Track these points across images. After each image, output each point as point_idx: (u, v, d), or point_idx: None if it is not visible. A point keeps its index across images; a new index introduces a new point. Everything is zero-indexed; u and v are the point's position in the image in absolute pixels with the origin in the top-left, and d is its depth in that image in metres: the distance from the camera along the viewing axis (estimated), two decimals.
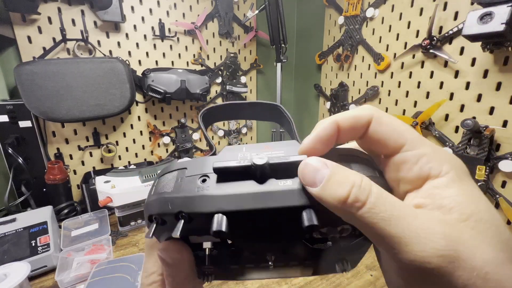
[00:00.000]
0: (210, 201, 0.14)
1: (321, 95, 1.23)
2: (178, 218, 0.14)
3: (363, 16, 0.94)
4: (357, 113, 0.15)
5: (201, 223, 0.14)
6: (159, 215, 0.15)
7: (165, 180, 0.16)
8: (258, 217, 0.14)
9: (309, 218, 0.13)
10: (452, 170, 0.13)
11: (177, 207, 0.14)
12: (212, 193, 0.14)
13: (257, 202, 0.14)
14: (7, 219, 0.69)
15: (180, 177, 0.15)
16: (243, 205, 0.14)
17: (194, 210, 0.14)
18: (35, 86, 0.79)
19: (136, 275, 0.62)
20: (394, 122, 0.14)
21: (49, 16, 0.85)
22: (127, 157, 1.09)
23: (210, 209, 0.14)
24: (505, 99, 0.62)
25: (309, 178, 0.13)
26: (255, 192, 0.14)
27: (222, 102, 0.27)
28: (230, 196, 0.14)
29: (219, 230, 0.13)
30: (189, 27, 1.06)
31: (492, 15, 0.53)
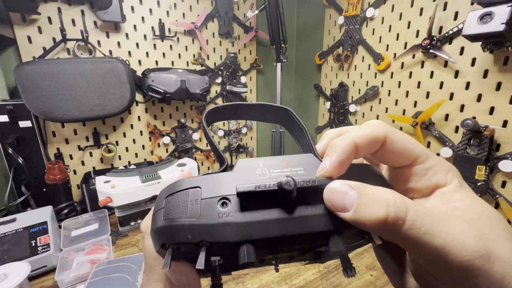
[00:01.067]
0: (236, 229, 0.13)
1: (321, 95, 1.23)
2: (198, 246, 0.13)
3: (363, 16, 0.94)
4: (373, 132, 0.15)
5: (224, 250, 0.13)
6: (176, 244, 0.13)
7: (177, 201, 0.14)
8: (283, 241, 0.14)
9: (336, 245, 0.13)
10: (455, 178, 0.15)
11: (198, 236, 0.13)
12: (237, 220, 0.13)
13: (285, 228, 0.13)
14: (7, 219, 0.69)
15: (195, 199, 0.14)
16: (271, 232, 0.13)
17: (218, 239, 0.13)
18: (35, 86, 0.79)
19: (136, 275, 0.62)
20: (405, 140, 0.15)
21: (49, 16, 0.85)
22: (127, 157, 1.09)
23: (237, 239, 0.13)
24: (505, 99, 0.62)
25: (338, 204, 0.13)
26: (283, 218, 0.13)
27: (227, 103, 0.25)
28: (257, 223, 0.13)
29: (249, 263, 0.12)
30: (189, 27, 1.06)
31: (492, 15, 0.52)
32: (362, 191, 0.13)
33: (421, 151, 0.15)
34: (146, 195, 0.85)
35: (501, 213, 0.64)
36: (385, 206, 0.12)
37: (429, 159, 0.15)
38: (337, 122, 1.10)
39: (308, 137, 0.21)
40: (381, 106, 0.94)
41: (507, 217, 0.63)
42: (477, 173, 0.64)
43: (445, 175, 0.15)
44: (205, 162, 1.28)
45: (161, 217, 0.14)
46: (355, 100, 1.03)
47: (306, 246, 0.15)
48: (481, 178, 0.63)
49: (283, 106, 0.23)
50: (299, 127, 0.23)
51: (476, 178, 0.64)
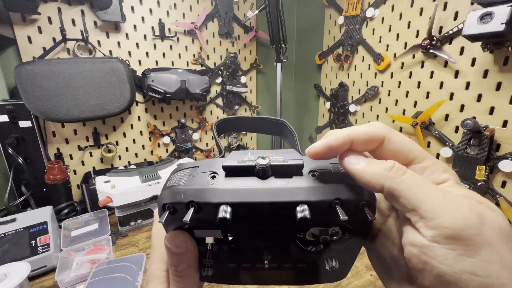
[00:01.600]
0: (218, 193, 0.16)
1: (321, 95, 1.23)
2: (188, 207, 0.16)
3: (363, 16, 0.94)
4: (371, 131, 0.16)
5: (208, 213, 0.16)
6: (172, 204, 0.16)
7: (179, 175, 0.18)
8: (258, 209, 0.16)
9: (302, 211, 0.15)
10: (451, 177, 0.16)
11: (189, 197, 0.16)
12: (220, 186, 0.16)
13: (258, 196, 0.16)
14: (7, 219, 0.69)
15: (193, 174, 0.17)
16: (246, 198, 0.16)
17: (204, 200, 0.16)
18: (35, 86, 0.79)
19: (136, 275, 0.62)
20: (404, 140, 0.16)
21: (49, 16, 0.85)
22: (127, 157, 1.09)
23: (218, 200, 0.16)
24: (505, 99, 0.62)
25: (353, 159, 0.16)
26: (257, 188, 0.16)
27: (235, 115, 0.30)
28: (235, 190, 0.16)
29: (224, 217, 0.15)
30: (189, 27, 1.06)
31: (492, 15, 0.52)
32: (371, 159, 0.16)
33: (419, 152, 0.16)
34: (146, 195, 0.85)
35: None
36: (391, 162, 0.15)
37: (427, 159, 0.16)
38: (337, 122, 1.10)
39: (295, 138, 0.26)
40: (381, 106, 0.94)
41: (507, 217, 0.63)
42: (477, 173, 0.64)
43: (441, 174, 0.16)
44: None
45: (166, 186, 0.18)
46: (355, 100, 1.03)
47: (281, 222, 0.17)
48: (481, 178, 0.63)
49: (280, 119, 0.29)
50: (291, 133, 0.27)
51: (476, 178, 0.64)
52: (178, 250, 0.18)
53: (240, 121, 0.29)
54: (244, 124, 0.30)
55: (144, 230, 0.86)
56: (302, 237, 0.18)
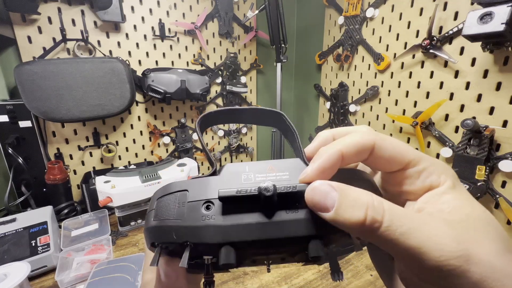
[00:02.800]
0: (217, 232, 0.14)
1: (321, 95, 1.23)
2: (183, 246, 0.14)
3: (363, 16, 0.94)
4: (359, 142, 0.15)
5: (207, 250, 0.14)
6: (163, 243, 0.14)
7: (166, 203, 0.15)
8: (264, 245, 0.14)
9: (315, 249, 0.13)
10: (448, 179, 0.15)
11: (183, 237, 0.14)
12: (218, 223, 0.14)
13: (264, 232, 0.14)
14: (7, 219, 0.69)
15: (182, 202, 0.15)
16: (251, 236, 0.14)
17: (200, 240, 0.14)
18: (35, 86, 0.79)
19: (136, 275, 0.62)
20: (395, 145, 0.15)
21: (49, 16, 0.85)
22: (127, 157, 1.09)
23: (218, 240, 0.13)
24: (505, 99, 0.62)
25: (320, 203, 0.13)
26: (262, 222, 0.14)
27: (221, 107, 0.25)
28: (237, 227, 0.14)
29: (228, 264, 0.13)
30: (189, 27, 1.06)
31: (492, 15, 0.52)
32: (344, 192, 0.13)
33: (413, 155, 0.15)
34: (146, 195, 0.85)
35: (501, 213, 0.64)
36: (364, 209, 0.13)
37: (422, 161, 0.15)
38: (337, 122, 1.10)
39: (298, 141, 0.21)
40: (381, 106, 0.94)
41: (507, 217, 0.63)
42: (477, 173, 0.64)
43: (439, 176, 0.15)
44: (205, 162, 1.28)
45: (152, 217, 0.15)
46: (355, 100, 1.03)
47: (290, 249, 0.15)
48: (481, 178, 0.63)
49: (276, 110, 0.23)
50: (290, 129, 0.22)
51: (476, 178, 0.64)
52: (170, 279, 0.17)
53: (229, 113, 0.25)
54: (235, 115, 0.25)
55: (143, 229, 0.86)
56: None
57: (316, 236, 0.14)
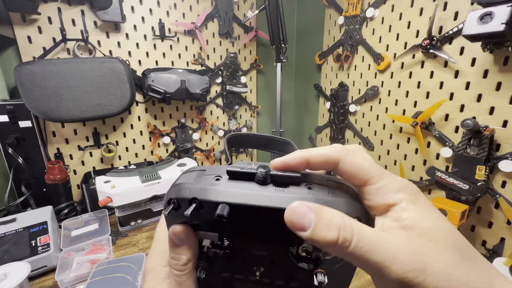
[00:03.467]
0: (219, 193, 0.17)
1: (321, 95, 1.23)
2: (191, 203, 0.17)
3: (363, 16, 0.94)
4: (327, 153, 0.18)
5: (208, 212, 0.17)
6: (176, 199, 0.18)
7: (187, 176, 0.19)
8: (254, 212, 0.17)
9: None
10: (406, 196, 0.16)
11: (192, 194, 0.17)
12: (221, 188, 0.17)
13: (255, 200, 0.17)
14: (7, 219, 0.69)
15: (199, 175, 0.19)
16: (244, 200, 0.17)
17: (205, 198, 0.17)
18: (35, 86, 0.79)
19: (136, 275, 0.62)
20: (358, 162, 0.17)
21: (49, 16, 0.85)
22: (127, 157, 1.09)
23: (218, 199, 0.17)
24: (505, 99, 0.62)
25: (298, 224, 0.15)
26: (255, 193, 0.17)
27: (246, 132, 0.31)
28: (235, 192, 0.17)
29: (222, 214, 0.16)
30: (189, 27, 1.06)
31: (492, 15, 0.52)
32: (319, 214, 0.15)
33: (374, 173, 0.17)
34: (146, 195, 0.85)
35: (501, 213, 0.64)
36: (336, 231, 0.14)
37: (382, 180, 0.16)
38: (337, 122, 1.10)
39: None
40: (381, 106, 0.94)
41: (507, 217, 0.63)
42: (477, 173, 0.64)
43: (395, 194, 0.16)
44: (205, 162, 1.28)
45: (175, 183, 0.19)
46: (355, 100, 1.03)
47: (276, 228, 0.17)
48: (481, 178, 0.63)
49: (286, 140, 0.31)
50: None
51: (476, 178, 0.64)
52: (180, 241, 0.19)
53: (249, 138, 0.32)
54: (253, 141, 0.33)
55: (144, 230, 0.86)
56: (296, 252, 0.19)
57: None
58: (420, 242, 0.14)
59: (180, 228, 0.19)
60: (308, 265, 0.19)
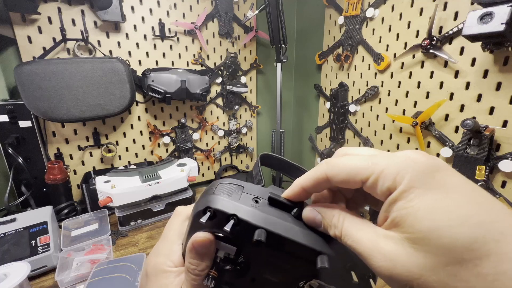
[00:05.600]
0: (260, 217, 0.18)
1: (321, 95, 1.23)
2: (229, 219, 0.18)
3: (363, 16, 0.94)
4: (313, 174, 0.19)
5: (242, 231, 0.18)
6: (215, 210, 0.18)
7: (226, 188, 0.20)
8: (287, 245, 0.18)
9: (323, 261, 0.17)
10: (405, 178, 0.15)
11: (232, 210, 0.18)
12: (262, 212, 0.18)
13: (292, 234, 0.18)
14: (7, 219, 0.69)
15: (238, 191, 0.20)
16: (281, 232, 0.18)
17: (245, 218, 0.18)
18: (35, 86, 0.79)
19: (136, 275, 0.62)
20: (345, 167, 0.17)
21: (49, 16, 0.85)
22: (127, 157, 1.09)
23: (257, 223, 0.18)
24: (505, 99, 0.62)
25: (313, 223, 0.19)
26: (293, 226, 0.18)
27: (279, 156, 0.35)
28: (275, 221, 0.18)
29: (260, 240, 0.17)
30: (189, 27, 1.06)
31: (492, 15, 0.52)
32: (323, 214, 0.18)
33: (364, 169, 0.16)
34: (146, 195, 0.85)
35: None
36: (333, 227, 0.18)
37: (376, 169, 0.16)
38: (337, 122, 1.10)
39: None
40: (381, 106, 0.94)
41: None
42: (477, 173, 0.64)
43: (393, 179, 0.15)
44: (205, 162, 1.28)
45: (213, 191, 0.20)
46: (355, 100, 1.03)
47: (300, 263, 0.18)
48: (481, 178, 0.63)
49: None
50: None
51: (476, 178, 0.64)
52: (204, 250, 0.19)
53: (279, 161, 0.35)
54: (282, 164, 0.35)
55: (144, 230, 0.86)
56: (302, 286, 0.19)
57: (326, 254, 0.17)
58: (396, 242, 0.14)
59: (209, 237, 0.19)
60: None
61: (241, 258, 0.20)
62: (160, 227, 0.88)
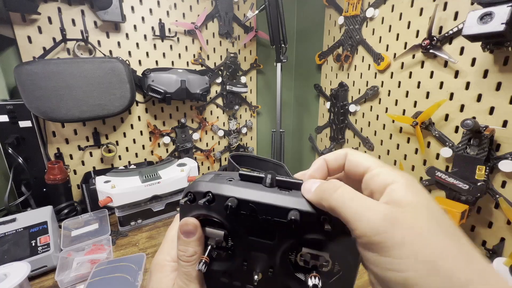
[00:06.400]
0: (230, 189, 0.20)
1: (321, 95, 1.23)
2: (205, 196, 0.20)
3: (363, 16, 0.94)
4: (337, 152, 0.23)
5: (219, 206, 0.20)
6: (193, 192, 0.21)
7: (205, 176, 0.23)
8: (259, 209, 0.19)
9: (293, 214, 0.18)
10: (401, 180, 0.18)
11: (207, 188, 0.20)
12: (233, 186, 0.20)
13: (262, 198, 0.19)
14: (7, 219, 0.69)
15: (215, 177, 0.22)
16: (252, 197, 0.20)
17: (218, 192, 0.20)
18: (35, 86, 0.79)
19: (136, 275, 0.62)
20: (360, 155, 0.21)
21: (49, 16, 0.85)
22: (127, 157, 1.09)
23: (228, 194, 0.20)
24: (505, 99, 0.62)
25: (307, 188, 0.20)
26: (262, 192, 0.20)
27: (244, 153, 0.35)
28: (244, 190, 0.20)
29: (229, 205, 0.19)
30: (189, 27, 1.06)
31: (492, 15, 0.52)
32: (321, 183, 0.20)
33: (371, 163, 0.20)
34: (146, 195, 0.85)
35: (501, 213, 0.64)
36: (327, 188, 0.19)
37: (378, 167, 0.19)
38: (337, 122, 1.10)
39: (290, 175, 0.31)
40: (381, 106, 0.94)
41: (507, 217, 0.63)
42: (477, 173, 0.64)
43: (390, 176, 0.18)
44: (205, 162, 1.28)
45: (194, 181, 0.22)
46: (355, 100, 1.03)
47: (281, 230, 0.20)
48: (481, 178, 0.63)
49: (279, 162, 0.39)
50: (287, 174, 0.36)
51: (476, 178, 0.64)
52: (188, 232, 0.21)
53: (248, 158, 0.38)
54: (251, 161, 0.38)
55: (144, 230, 0.86)
56: (294, 259, 0.20)
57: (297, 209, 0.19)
58: (397, 210, 0.16)
59: (191, 220, 0.21)
60: (304, 276, 0.20)
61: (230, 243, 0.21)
62: (160, 227, 0.88)
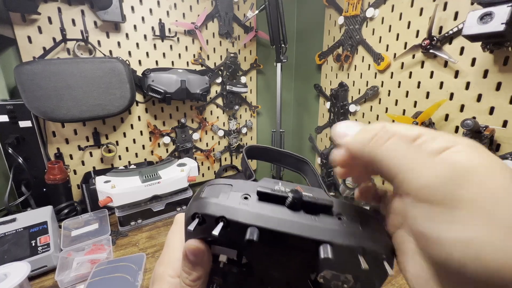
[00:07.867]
0: (249, 215, 0.16)
1: (321, 95, 1.23)
2: (218, 221, 0.17)
3: (363, 16, 0.94)
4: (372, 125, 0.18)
5: (234, 232, 0.16)
6: (202, 215, 0.17)
7: (214, 189, 0.19)
8: (284, 240, 0.16)
9: (325, 251, 0.15)
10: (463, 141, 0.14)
11: (221, 212, 0.16)
12: (252, 209, 0.17)
13: (287, 227, 0.16)
14: (7, 219, 0.69)
15: (226, 191, 0.18)
16: (275, 226, 0.16)
17: (234, 218, 0.16)
18: (35, 86, 0.79)
19: (136, 275, 0.62)
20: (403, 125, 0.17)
21: (49, 16, 0.85)
22: (127, 157, 1.09)
23: (248, 221, 0.16)
24: (505, 99, 0.62)
25: (341, 131, 0.17)
26: (287, 218, 0.16)
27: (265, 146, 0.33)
28: (266, 216, 0.16)
29: (251, 240, 0.15)
30: (189, 27, 1.06)
31: (492, 15, 0.52)
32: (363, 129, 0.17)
33: (421, 130, 0.16)
34: (146, 195, 0.85)
35: None
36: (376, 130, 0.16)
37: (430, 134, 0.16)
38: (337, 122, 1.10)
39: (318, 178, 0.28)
40: (381, 106, 0.94)
41: None
42: None
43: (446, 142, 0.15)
44: (205, 162, 1.28)
45: (200, 195, 0.18)
46: (355, 100, 1.03)
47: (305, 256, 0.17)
48: None
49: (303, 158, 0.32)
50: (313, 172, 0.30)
51: None
52: (196, 258, 0.18)
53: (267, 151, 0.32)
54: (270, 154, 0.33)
55: (144, 230, 0.86)
56: (314, 278, 0.18)
57: (328, 243, 0.16)
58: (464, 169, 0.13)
59: (197, 245, 0.18)
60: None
61: (244, 259, 0.18)
62: (160, 227, 0.88)
